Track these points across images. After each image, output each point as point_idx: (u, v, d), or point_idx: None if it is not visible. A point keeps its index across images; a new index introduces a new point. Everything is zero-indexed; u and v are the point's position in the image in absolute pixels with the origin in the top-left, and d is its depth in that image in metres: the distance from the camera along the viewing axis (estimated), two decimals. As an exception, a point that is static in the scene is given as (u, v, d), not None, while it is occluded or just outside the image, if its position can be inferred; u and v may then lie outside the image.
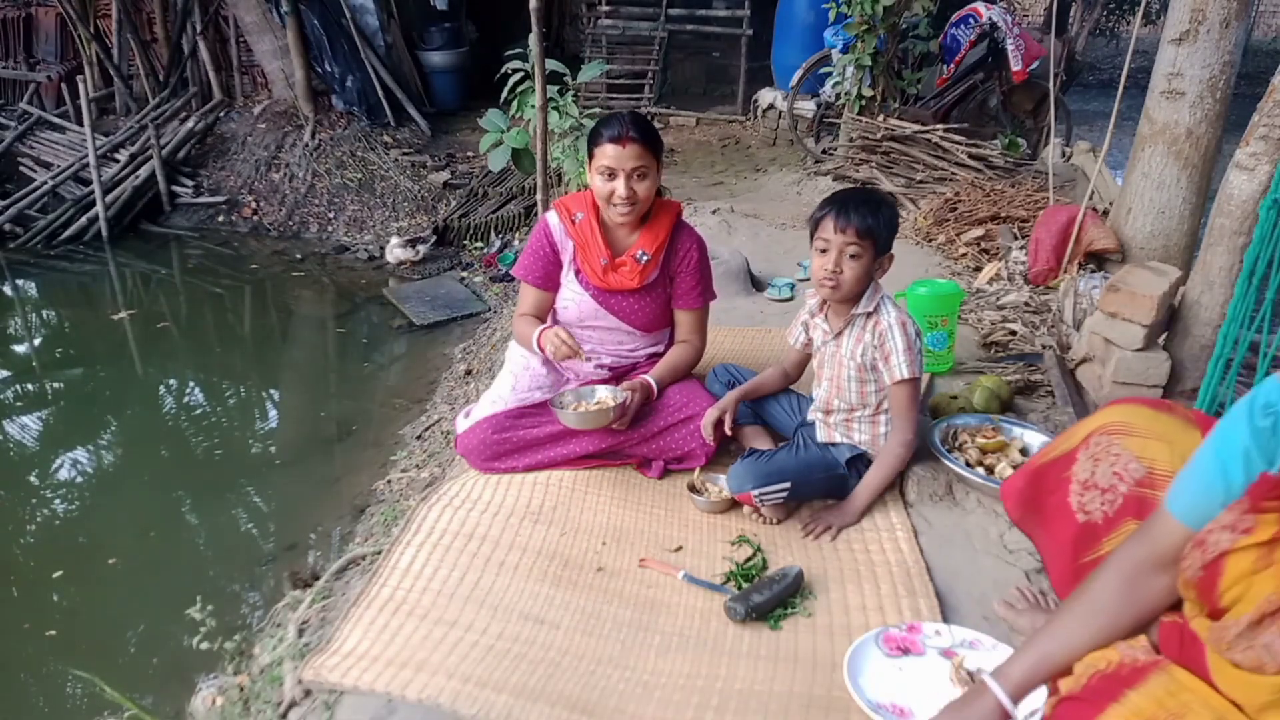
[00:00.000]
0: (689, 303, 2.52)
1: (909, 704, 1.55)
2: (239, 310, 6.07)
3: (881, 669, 1.64)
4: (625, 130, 2.27)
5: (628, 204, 2.33)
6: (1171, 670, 1.15)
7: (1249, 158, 2.30)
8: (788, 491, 2.12)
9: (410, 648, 1.74)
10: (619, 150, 2.28)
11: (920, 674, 1.63)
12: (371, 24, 8.01)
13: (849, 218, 2.05)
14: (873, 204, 2.09)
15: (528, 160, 4.67)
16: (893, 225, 2.11)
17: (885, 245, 2.10)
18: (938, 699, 1.50)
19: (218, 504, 3.63)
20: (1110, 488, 1.47)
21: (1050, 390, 2.77)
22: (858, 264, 2.07)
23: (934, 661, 1.66)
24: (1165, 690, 1.12)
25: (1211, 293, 2.45)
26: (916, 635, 1.72)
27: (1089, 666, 1.21)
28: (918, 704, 1.55)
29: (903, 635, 1.72)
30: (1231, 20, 2.94)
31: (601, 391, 2.42)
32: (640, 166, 2.30)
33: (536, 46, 3.85)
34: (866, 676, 1.62)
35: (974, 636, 1.70)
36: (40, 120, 7.77)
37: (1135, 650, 1.20)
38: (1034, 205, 4.40)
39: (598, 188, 2.35)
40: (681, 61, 9.41)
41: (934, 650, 1.69)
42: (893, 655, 1.68)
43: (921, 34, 6.15)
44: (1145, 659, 1.18)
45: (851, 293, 2.13)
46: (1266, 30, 17.62)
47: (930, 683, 1.60)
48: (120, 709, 2.28)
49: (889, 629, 1.74)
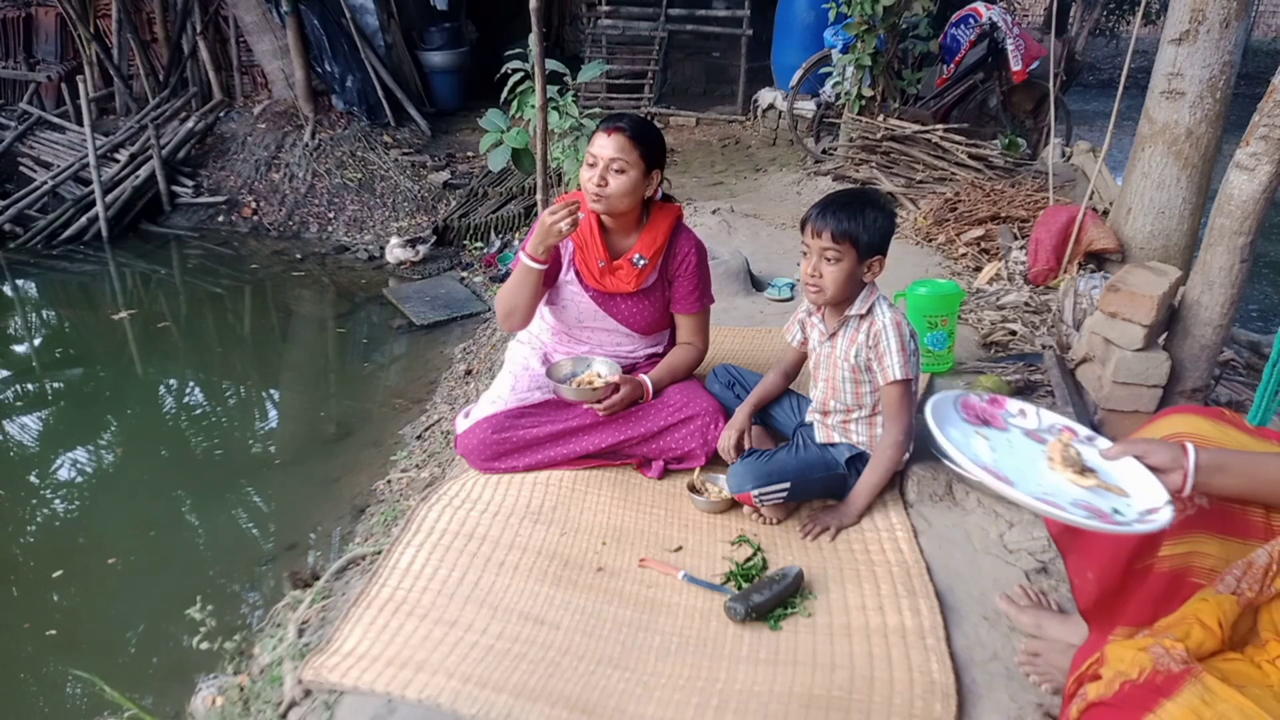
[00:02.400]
0: (687, 307, 2.52)
1: (1004, 470, 1.39)
2: (239, 310, 6.07)
3: (965, 431, 1.50)
4: (616, 122, 2.28)
5: (595, 191, 2.29)
6: (1205, 679, 1.15)
7: (1249, 158, 2.30)
8: (787, 492, 2.12)
9: (410, 648, 1.74)
10: (604, 139, 2.28)
11: (1008, 448, 1.48)
12: (371, 24, 8.01)
13: (826, 221, 2.03)
14: (856, 207, 2.04)
15: (528, 160, 4.67)
16: (881, 228, 2.06)
17: (871, 248, 2.06)
18: (1034, 477, 1.39)
19: (218, 504, 3.63)
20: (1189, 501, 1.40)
21: (1050, 390, 2.77)
22: (837, 268, 2.05)
23: (1018, 440, 1.51)
24: (1201, 700, 1.12)
25: (1211, 293, 2.44)
26: (998, 409, 1.57)
27: (1120, 674, 1.21)
28: (1014, 475, 1.38)
29: (983, 405, 1.57)
30: (1231, 20, 2.94)
31: (598, 363, 2.45)
32: (618, 159, 2.26)
33: (536, 46, 3.85)
34: (954, 433, 1.47)
35: (1064, 423, 1.51)
36: (40, 120, 7.77)
37: (1170, 659, 1.20)
38: (1034, 205, 4.40)
39: (583, 179, 2.35)
40: (681, 61, 9.41)
41: (1017, 429, 1.53)
42: (970, 422, 1.53)
43: (921, 34, 6.15)
44: (1178, 668, 1.18)
45: (835, 297, 2.11)
46: (1266, 30, 17.64)
47: (1024, 459, 1.45)
48: (120, 709, 2.28)
49: (968, 395, 1.59)
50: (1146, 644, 1.23)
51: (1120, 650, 1.26)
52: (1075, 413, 2.53)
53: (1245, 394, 3.02)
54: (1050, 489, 1.39)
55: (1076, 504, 1.34)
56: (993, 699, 1.63)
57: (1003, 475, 1.37)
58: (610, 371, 2.43)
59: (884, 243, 2.09)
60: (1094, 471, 1.40)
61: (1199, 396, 2.52)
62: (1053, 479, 1.41)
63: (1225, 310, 2.42)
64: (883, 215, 2.07)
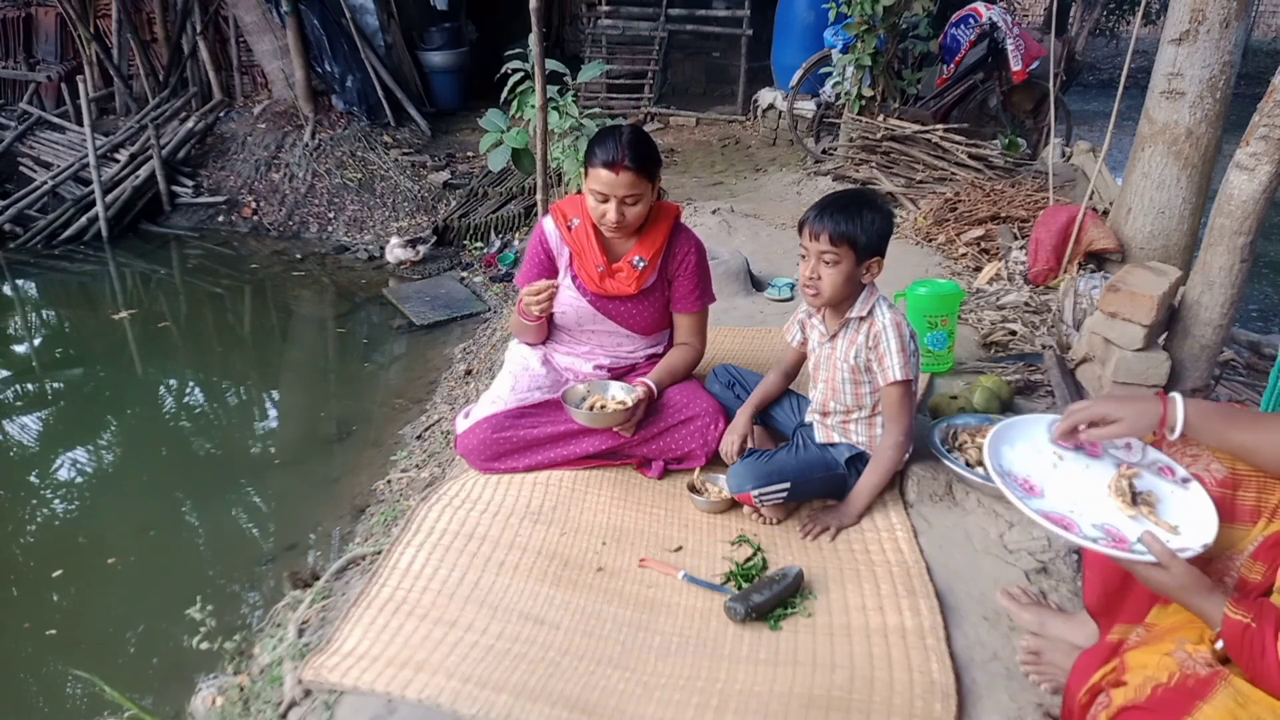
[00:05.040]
0: (687, 306, 2.51)
1: (1043, 485, 1.44)
2: (239, 310, 6.07)
3: (1040, 448, 1.53)
4: (620, 157, 2.21)
5: (616, 227, 2.31)
6: (1235, 682, 1.17)
7: (1249, 158, 2.30)
8: (787, 492, 2.12)
9: (410, 648, 1.74)
10: (612, 177, 2.23)
11: (1080, 471, 1.50)
12: (371, 24, 8.01)
13: (823, 223, 2.03)
14: (854, 208, 2.03)
15: (528, 160, 4.67)
16: (879, 229, 2.05)
17: (869, 250, 2.05)
18: (1078, 495, 1.42)
19: (217, 504, 3.63)
20: None
21: (1050, 390, 2.77)
22: (835, 270, 2.05)
23: (1105, 468, 1.51)
24: (1235, 701, 1.14)
25: (1211, 293, 2.45)
26: None
27: (1149, 679, 1.22)
28: (1053, 489, 1.44)
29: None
30: (1231, 20, 2.94)
31: (614, 387, 2.42)
32: (632, 194, 2.27)
33: (536, 46, 3.85)
34: (1016, 447, 1.52)
35: (1166, 463, 1.48)
36: (40, 120, 7.77)
37: (1195, 663, 1.21)
38: (1034, 205, 4.40)
39: (591, 205, 2.32)
40: (681, 61, 9.41)
41: (1112, 459, 1.52)
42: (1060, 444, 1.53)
43: (921, 34, 6.15)
44: (1205, 672, 1.19)
45: (833, 299, 2.11)
46: (1266, 30, 17.64)
47: (1083, 482, 1.48)
48: (120, 709, 2.28)
49: None
50: (1169, 648, 1.24)
51: (1144, 656, 1.27)
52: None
53: (1245, 394, 3.02)
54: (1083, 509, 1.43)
55: (1100, 526, 1.39)
56: (993, 699, 1.63)
57: (1034, 486, 1.43)
58: (626, 395, 2.38)
59: (882, 244, 2.08)
60: (1151, 506, 1.43)
61: (1199, 396, 2.52)
62: (1100, 503, 1.44)
63: (1225, 310, 2.43)
64: (880, 216, 2.06)
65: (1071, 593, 1.90)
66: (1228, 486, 1.39)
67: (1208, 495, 1.38)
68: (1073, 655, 1.54)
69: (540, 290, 2.34)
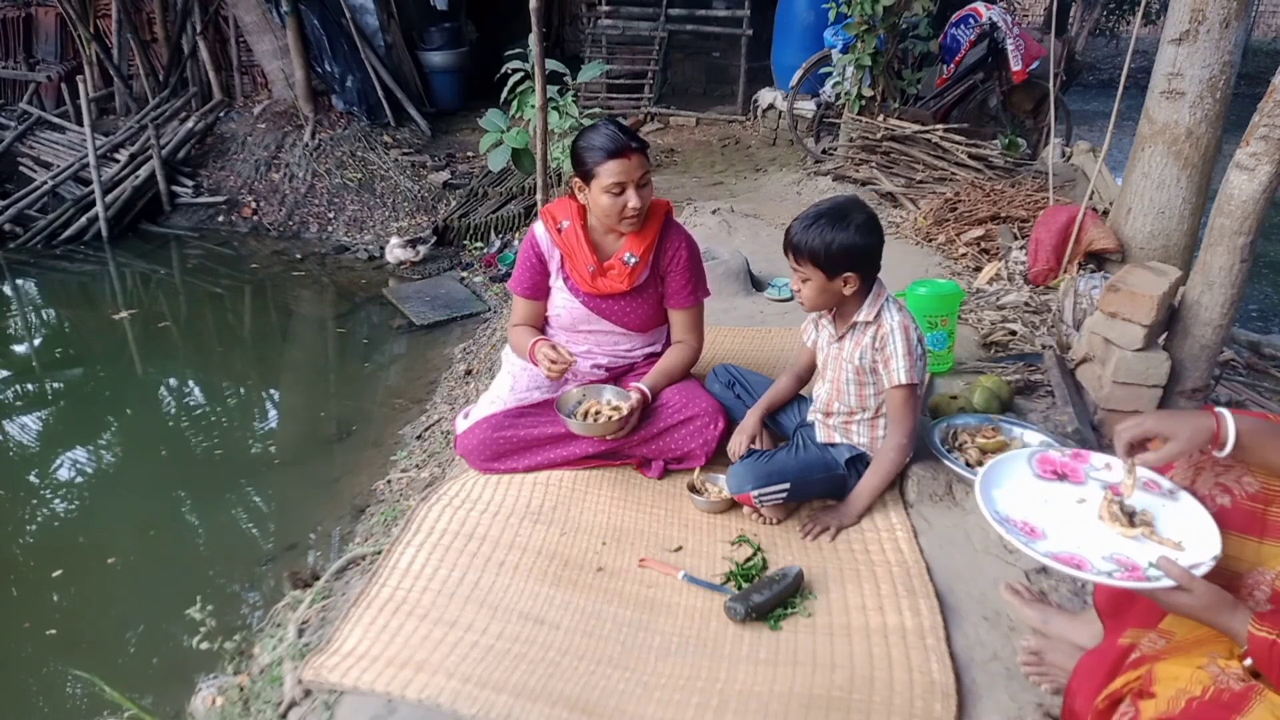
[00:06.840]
0: (681, 301, 2.50)
1: (1043, 525, 1.42)
2: (239, 310, 6.07)
3: (1026, 487, 1.52)
4: (625, 141, 2.26)
5: (636, 211, 2.32)
6: (1269, 696, 1.16)
7: (1249, 158, 2.30)
8: (787, 492, 2.12)
9: (410, 648, 1.74)
10: (626, 163, 2.26)
11: (1069, 500, 1.49)
12: (371, 24, 8.01)
13: (790, 241, 2.08)
14: (821, 227, 2.01)
15: (528, 160, 4.67)
16: (847, 246, 2.00)
17: (836, 267, 2.03)
18: (1078, 528, 1.40)
19: (218, 504, 3.63)
20: (1207, 496, 1.40)
21: (1050, 390, 2.77)
22: (808, 286, 2.11)
23: (1093, 493, 1.49)
24: (1272, 715, 1.13)
25: (1211, 293, 2.44)
26: (1080, 464, 1.55)
27: (1183, 692, 1.20)
28: (1053, 528, 1.41)
29: (1063, 460, 1.55)
30: (1231, 20, 2.94)
31: (608, 392, 2.42)
32: (645, 174, 2.32)
33: (536, 46, 3.85)
34: (1004, 489, 1.49)
35: (1151, 477, 1.44)
36: (40, 120, 7.77)
37: (1229, 677, 1.20)
38: (1034, 205, 4.40)
39: (605, 206, 2.30)
40: (681, 61, 9.41)
41: (1097, 482, 1.50)
42: (1044, 478, 1.53)
43: (921, 34, 6.15)
44: (1240, 686, 1.18)
45: (816, 308, 2.18)
46: (1266, 30, 17.64)
47: (1074, 510, 1.46)
48: (120, 709, 2.28)
49: (1048, 450, 1.58)
50: (1201, 661, 1.23)
51: (1175, 668, 1.25)
52: (1075, 413, 2.53)
53: (1245, 394, 3.02)
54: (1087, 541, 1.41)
55: (1110, 558, 1.37)
56: (993, 699, 1.63)
57: (1036, 529, 1.41)
58: (620, 400, 2.38)
59: (852, 260, 2.04)
60: (1149, 524, 1.41)
61: (1199, 396, 2.52)
62: (1102, 532, 1.42)
63: (1225, 310, 2.42)
64: (853, 233, 2.01)
65: (1071, 593, 1.90)
66: (1259, 501, 1.35)
67: (1199, 503, 1.37)
68: (1074, 656, 1.53)
69: (560, 362, 2.34)
